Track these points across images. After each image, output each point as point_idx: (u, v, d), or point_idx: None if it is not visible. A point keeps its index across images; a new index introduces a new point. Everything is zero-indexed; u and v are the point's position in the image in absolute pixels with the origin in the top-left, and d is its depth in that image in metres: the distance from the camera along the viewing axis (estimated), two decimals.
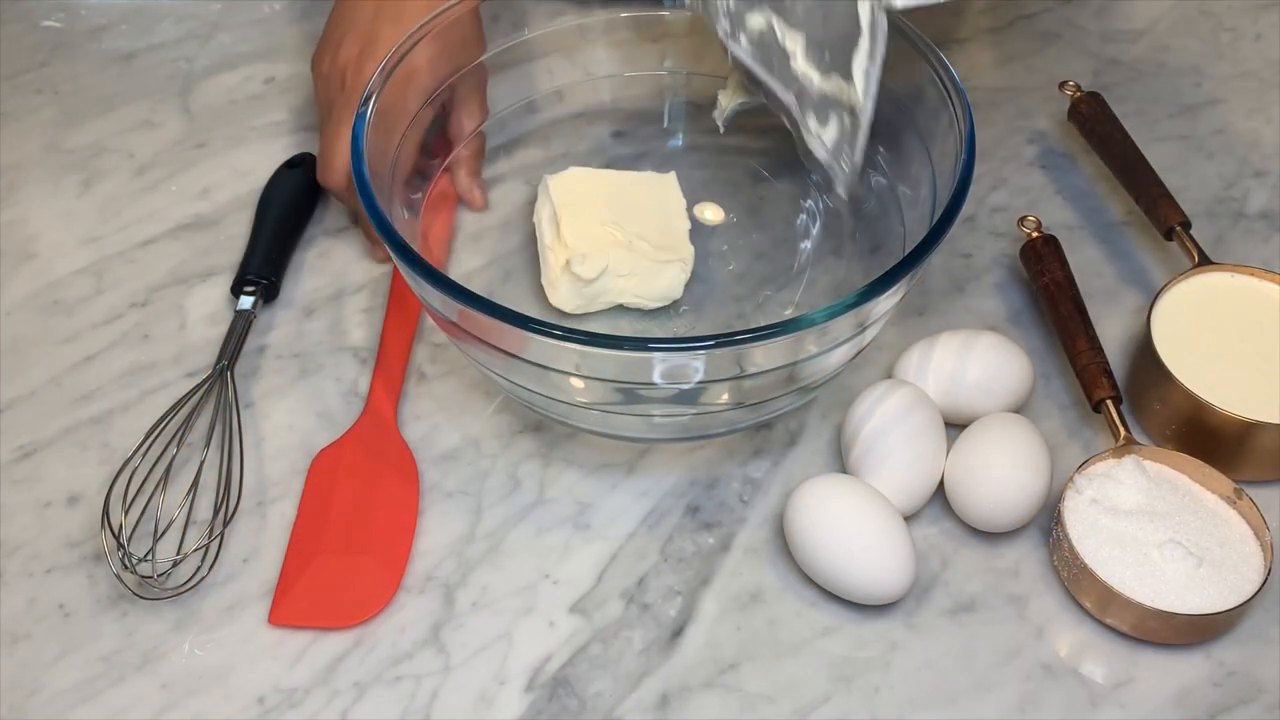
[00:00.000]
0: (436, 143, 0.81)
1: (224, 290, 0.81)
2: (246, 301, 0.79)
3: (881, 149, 0.77)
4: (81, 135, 0.91)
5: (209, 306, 0.81)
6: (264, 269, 0.80)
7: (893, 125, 0.76)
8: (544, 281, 0.78)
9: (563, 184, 0.80)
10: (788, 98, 0.69)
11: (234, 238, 0.84)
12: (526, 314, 0.63)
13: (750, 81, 0.72)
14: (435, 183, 0.80)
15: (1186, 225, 0.79)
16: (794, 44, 0.68)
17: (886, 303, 0.67)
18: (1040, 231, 0.79)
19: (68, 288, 0.82)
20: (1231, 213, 0.86)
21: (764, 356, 0.66)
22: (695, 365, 0.66)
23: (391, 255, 0.66)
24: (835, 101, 0.66)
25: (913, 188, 0.75)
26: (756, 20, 0.70)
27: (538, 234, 0.80)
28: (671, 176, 0.82)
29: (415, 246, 0.70)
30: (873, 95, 0.64)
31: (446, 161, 0.81)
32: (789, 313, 0.77)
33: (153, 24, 0.99)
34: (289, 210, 0.84)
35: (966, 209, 0.69)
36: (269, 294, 0.80)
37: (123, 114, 0.93)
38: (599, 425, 0.72)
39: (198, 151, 0.90)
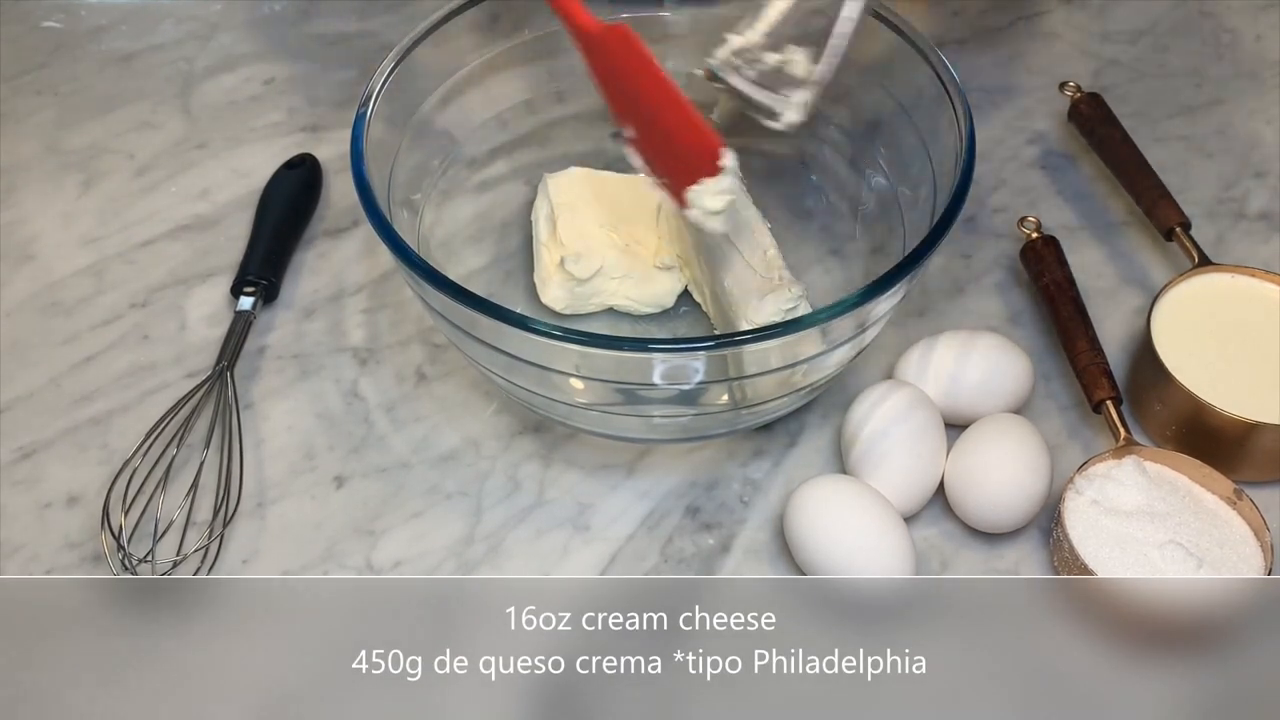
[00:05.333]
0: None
1: (224, 291, 0.81)
2: (246, 302, 0.79)
3: (882, 149, 0.77)
4: (81, 136, 0.91)
5: (209, 307, 0.81)
6: (264, 270, 0.80)
7: (893, 125, 0.76)
8: (536, 279, 0.78)
9: (562, 183, 0.80)
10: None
11: (234, 238, 0.84)
12: (526, 315, 0.63)
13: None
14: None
15: (1186, 226, 0.79)
16: None
17: (887, 303, 0.67)
18: (1040, 232, 0.79)
19: (67, 288, 0.82)
20: (1231, 213, 0.85)
21: (764, 357, 0.66)
22: (695, 366, 0.66)
23: (391, 255, 0.66)
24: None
25: (913, 188, 0.75)
26: None
27: (534, 232, 0.80)
28: None
29: (415, 246, 0.70)
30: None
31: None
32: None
33: (153, 24, 0.99)
34: (289, 211, 0.84)
35: (967, 210, 0.69)
36: (269, 295, 0.80)
37: (123, 115, 0.93)
38: (599, 426, 0.72)
39: (198, 152, 0.90)
